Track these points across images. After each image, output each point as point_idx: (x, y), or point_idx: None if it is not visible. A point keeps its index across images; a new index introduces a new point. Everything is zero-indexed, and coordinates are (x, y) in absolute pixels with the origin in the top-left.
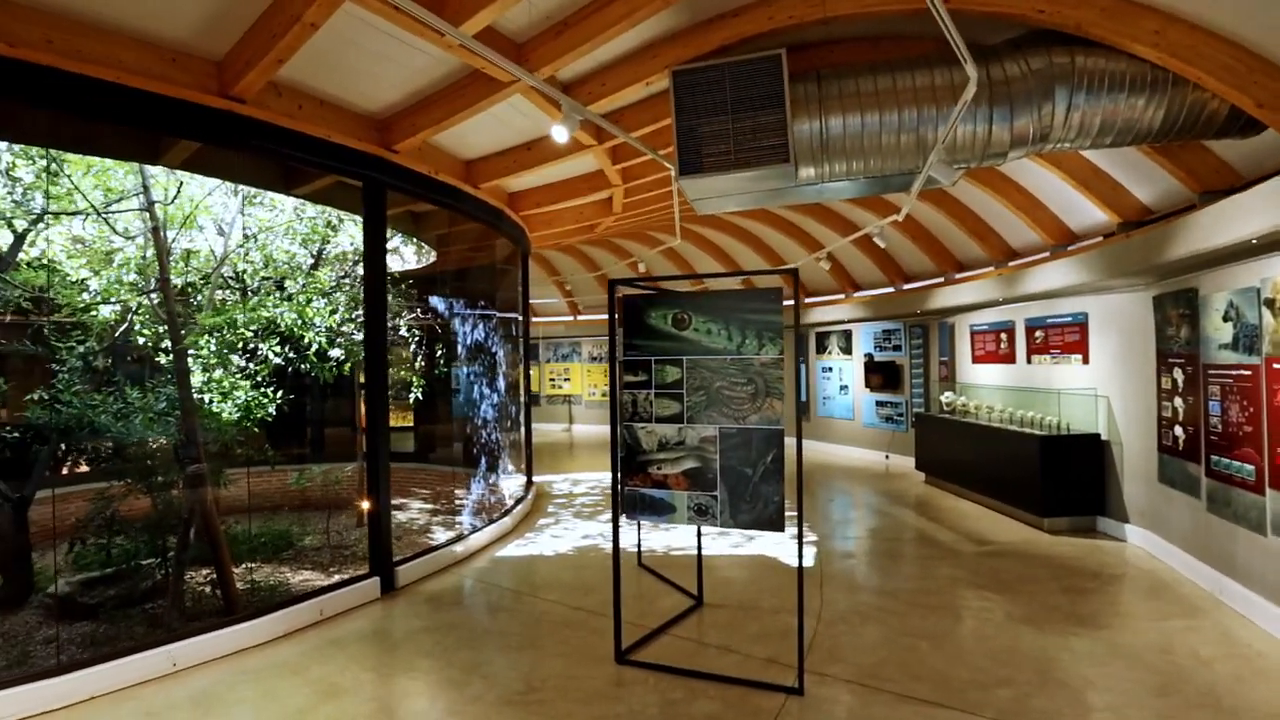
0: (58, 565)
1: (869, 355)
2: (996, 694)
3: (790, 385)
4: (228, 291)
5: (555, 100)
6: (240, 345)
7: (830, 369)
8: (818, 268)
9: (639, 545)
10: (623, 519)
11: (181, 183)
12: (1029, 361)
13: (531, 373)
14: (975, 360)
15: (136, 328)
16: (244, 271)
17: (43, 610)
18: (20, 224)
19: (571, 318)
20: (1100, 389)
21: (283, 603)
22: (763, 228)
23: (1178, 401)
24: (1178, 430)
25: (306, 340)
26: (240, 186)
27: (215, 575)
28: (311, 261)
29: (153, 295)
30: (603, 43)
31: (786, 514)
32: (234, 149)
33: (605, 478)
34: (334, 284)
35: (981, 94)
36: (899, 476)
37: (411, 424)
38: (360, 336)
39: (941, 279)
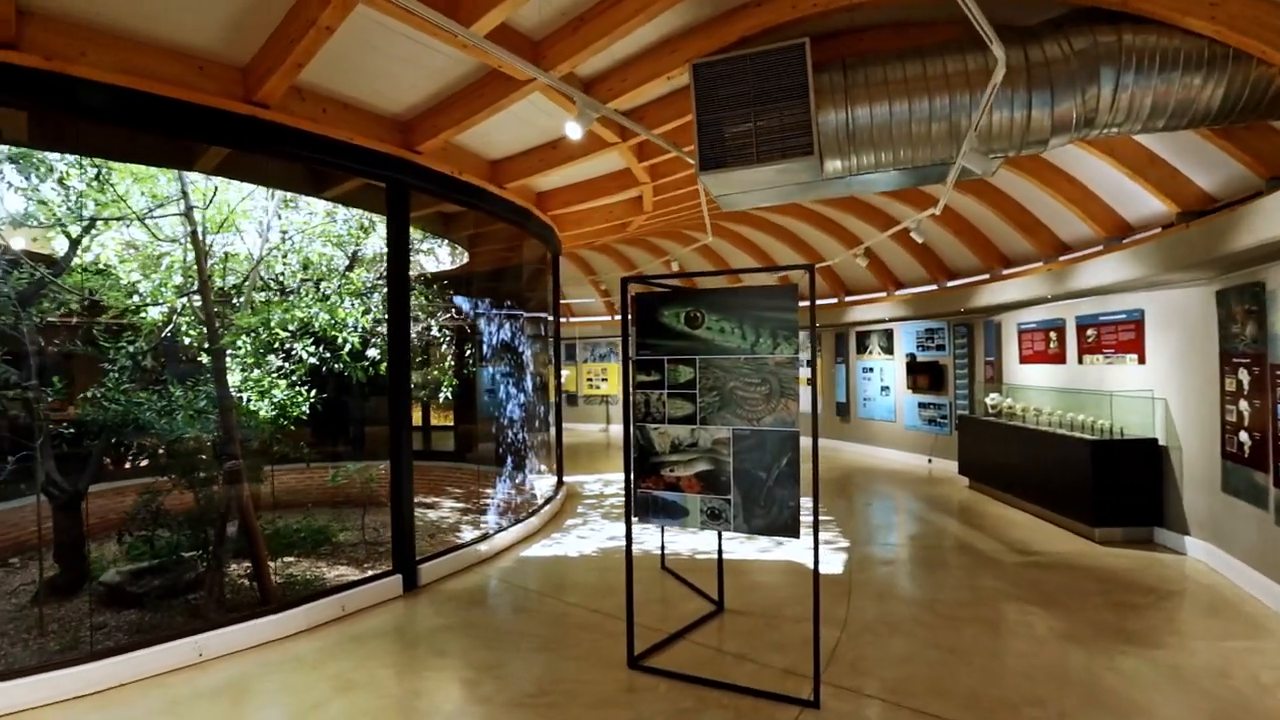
0: (102, 556)
1: (911, 355)
2: (1029, 715)
3: (829, 385)
4: (269, 293)
5: (570, 96)
6: (275, 345)
7: (871, 369)
8: (858, 265)
9: (662, 548)
10: (641, 522)
11: (216, 188)
12: (1080, 362)
13: (568, 373)
14: (1023, 360)
15: (182, 328)
16: (281, 274)
17: (94, 598)
18: (74, 230)
19: (609, 317)
20: (1157, 391)
21: (306, 598)
22: (798, 224)
23: (1243, 405)
24: (1243, 436)
25: (340, 340)
26: (275, 191)
27: (252, 568)
28: (347, 263)
29: (194, 297)
30: (619, 37)
31: (803, 519)
32: (260, 153)
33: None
34: (369, 285)
35: (1018, 77)
36: (941, 481)
37: (452, 423)
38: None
39: (987, 275)
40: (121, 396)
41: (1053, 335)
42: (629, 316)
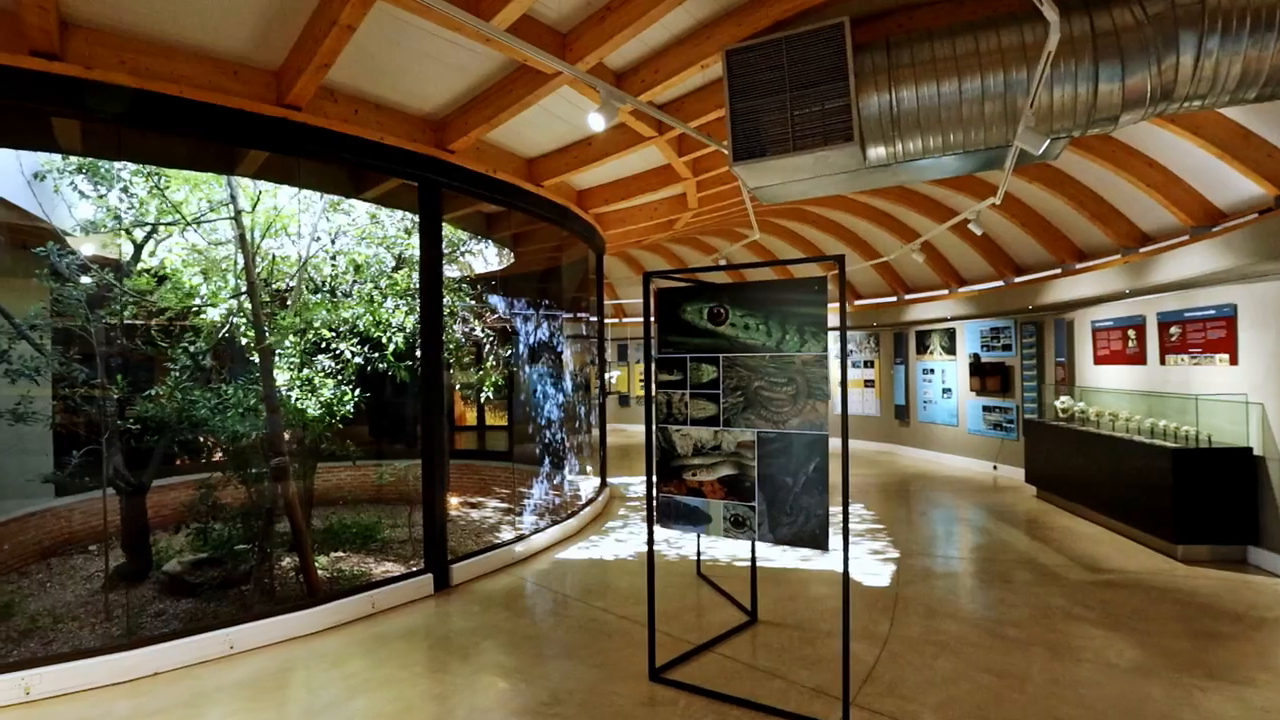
0: (170, 546)
1: (975, 355)
2: None
3: (887, 387)
4: (321, 294)
5: (594, 88)
6: (321, 345)
7: (932, 370)
8: (918, 261)
9: (698, 554)
10: (662, 528)
11: (261, 191)
12: (1162, 363)
13: (619, 373)
14: (1098, 361)
15: (240, 328)
16: (332, 275)
17: (157, 586)
18: (138, 236)
19: None
20: (1252, 395)
21: (336, 594)
22: (851, 218)
23: None
24: None
25: (385, 340)
26: (320, 193)
27: (298, 562)
28: (394, 264)
29: (243, 298)
30: (647, 25)
31: (833, 526)
32: (292, 155)
33: None
34: (415, 286)
35: (1083, 48)
36: (1007, 489)
37: (505, 423)
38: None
39: (1058, 270)
40: (179, 394)
41: (1131, 334)
42: (650, 313)
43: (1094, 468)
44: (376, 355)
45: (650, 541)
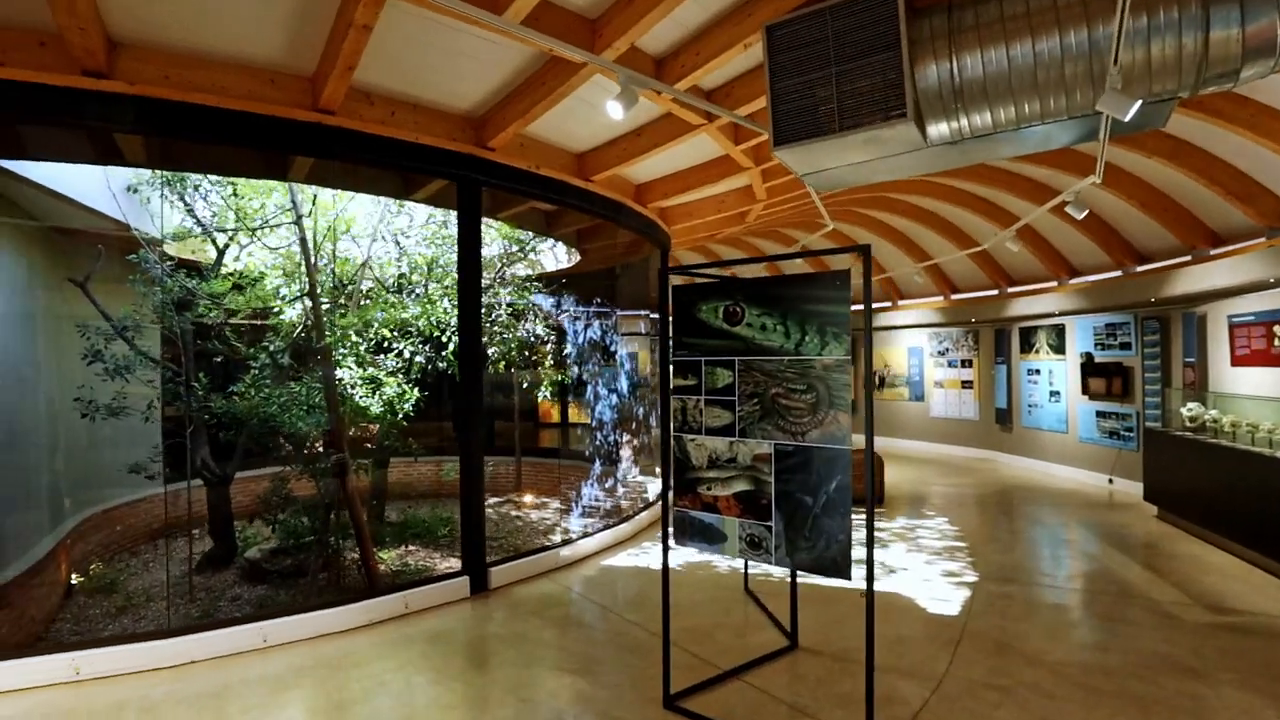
0: (257, 534)
1: (1087, 355)
2: None
3: (987, 389)
4: (379, 294)
5: (612, 72)
6: (385, 345)
7: (1037, 371)
8: (1013, 250)
9: (745, 568)
10: (678, 545)
11: (315, 195)
12: None
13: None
14: (1235, 362)
15: (314, 329)
16: (397, 275)
17: (238, 571)
18: (220, 241)
19: None
20: None
21: (370, 593)
22: (941, 204)
23: None
24: None
25: (445, 339)
26: (373, 196)
27: (359, 556)
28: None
29: (306, 300)
30: (678, 3)
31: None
32: (328, 159)
33: None
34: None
35: None
36: (1122, 507)
37: (589, 421)
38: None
39: (1187, 256)
40: (252, 392)
41: (1277, 331)
42: (667, 312)
43: (1228, 487)
44: (437, 354)
45: (665, 557)
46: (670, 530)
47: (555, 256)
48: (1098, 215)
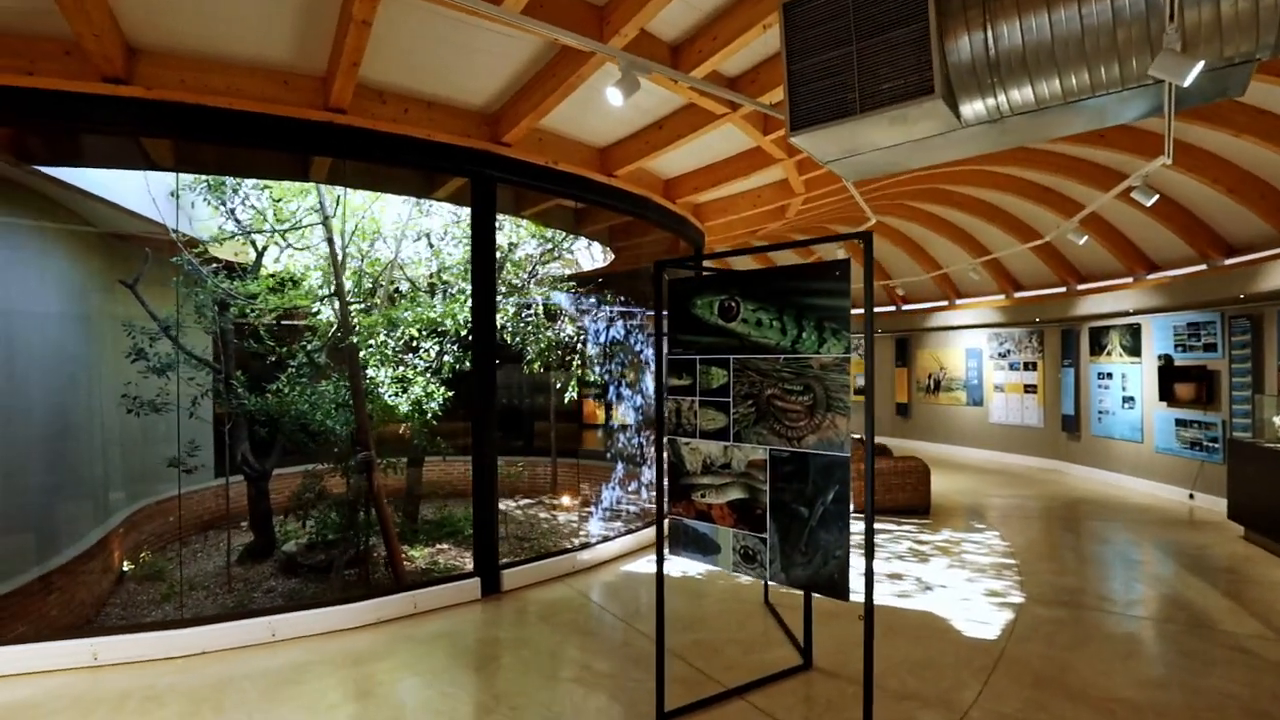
0: (293, 530)
1: (1165, 357)
2: None
3: (1053, 394)
4: (404, 293)
5: (612, 58)
6: (410, 343)
7: (1109, 375)
8: (1089, 245)
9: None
10: (672, 555)
11: (340, 196)
12: None
13: None
14: None
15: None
16: (431, 275)
17: (275, 564)
18: (260, 243)
19: None
20: None
21: (380, 591)
22: (1000, 195)
23: None
24: None
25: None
26: (393, 195)
27: (386, 553)
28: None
29: (335, 300)
30: None
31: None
32: (344, 158)
33: None
34: (516, 286)
35: None
36: (1203, 526)
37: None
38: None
39: None
40: (285, 389)
41: None
42: (661, 308)
43: None
44: (466, 354)
45: (660, 567)
46: (666, 539)
47: (591, 256)
48: (1177, 202)
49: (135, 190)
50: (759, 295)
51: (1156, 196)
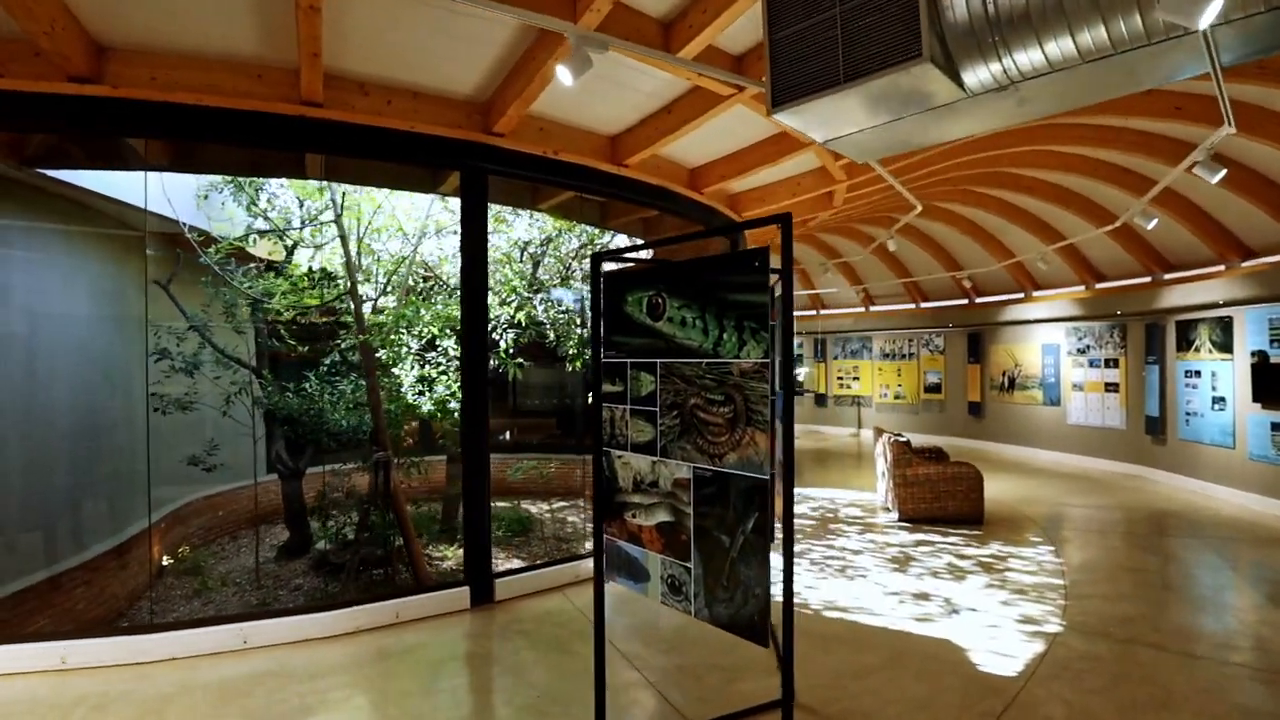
0: (331, 528)
1: (1260, 354)
2: None
3: (1136, 393)
4: (417, 292)
5: (563, 35)
6: (430, 342)
7: (1197, 373)
8: (1176, 229)
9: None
10: (607, 579)
11: (344, 193)
12: None
13: (809, 370)
14: None
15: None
16: (448, 274)
17: (308, 562)
18: (291, 242)
19: (862, 309)
20: None
21: (359, 600)
22: (1070, 177)
23: None
24: None
25: (497, 337)
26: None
27: (406, 553)
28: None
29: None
30: None
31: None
32: (318, 153)
33: (848, 496)
34: (527, 280)
35: None
36: None
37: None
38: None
39: None
40: (308, 388)
41: None
42: (599, 305)
43: None
44: (489, 352)
45: (599, 590)
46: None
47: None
48: (1269, 178)
49: (153, 191)
50: (683, 290)
51: (1223, 172)
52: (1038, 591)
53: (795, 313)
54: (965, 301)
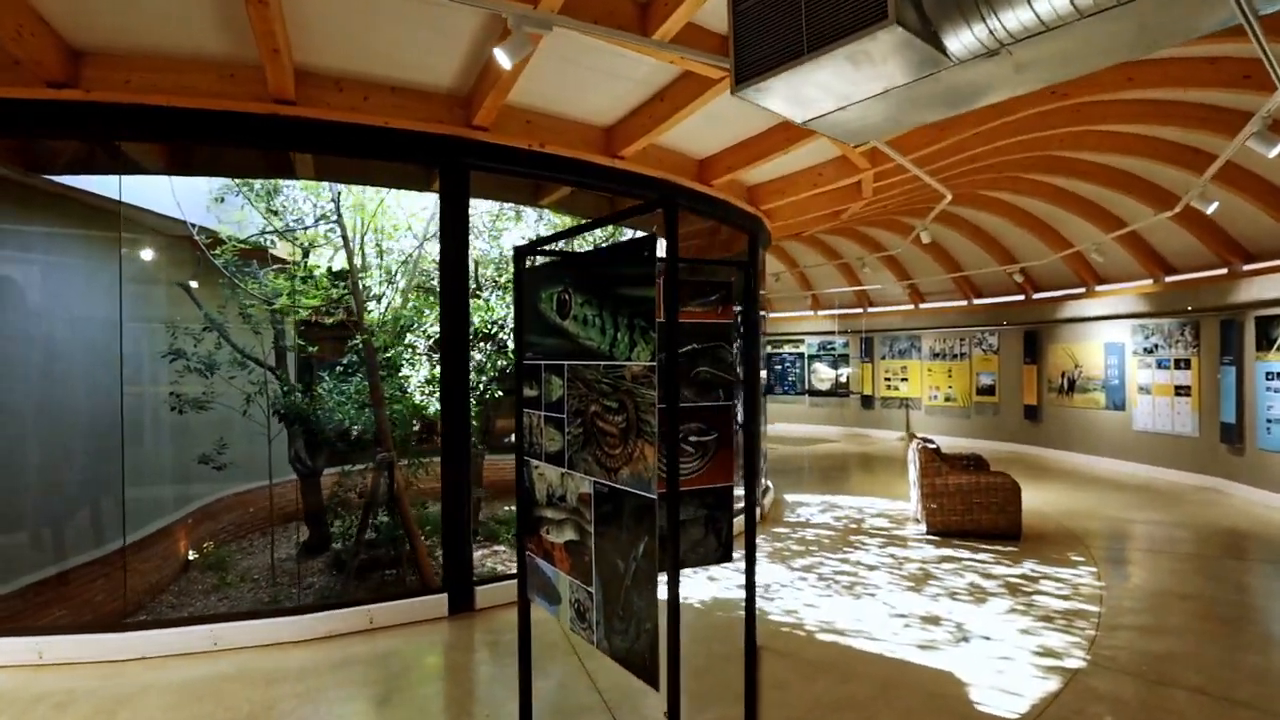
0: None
1: None
2: None
3: (1210, 397)
4: (418, 292)
5: (500, 14)
6: (439, 342)
7: (1278, 375)
8: (1252, 216)
9: (749, 613)
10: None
11: (340, 192)
12: None
13: (860, 371)
14: None
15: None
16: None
17: (326, 560)
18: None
19: (911, 306)
20: None
21: (332, 604)
22: (1141, 162)
23: None
24: None
25: (506, 337)
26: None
27: (411, 555)
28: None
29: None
30: None
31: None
32: (288, 151)
33: (880, 506)
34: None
35: None
36: None
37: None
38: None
39: None
40: (319, 389)
41: None
42: (520, 302)
43: None
44: (498, 353)
45: (522, 612)
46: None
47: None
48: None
49: (164, 194)
50: (585, 286)
51: (1278, 146)
52: (1066, 619)
53: (840, 310)
54: (1021, 297)
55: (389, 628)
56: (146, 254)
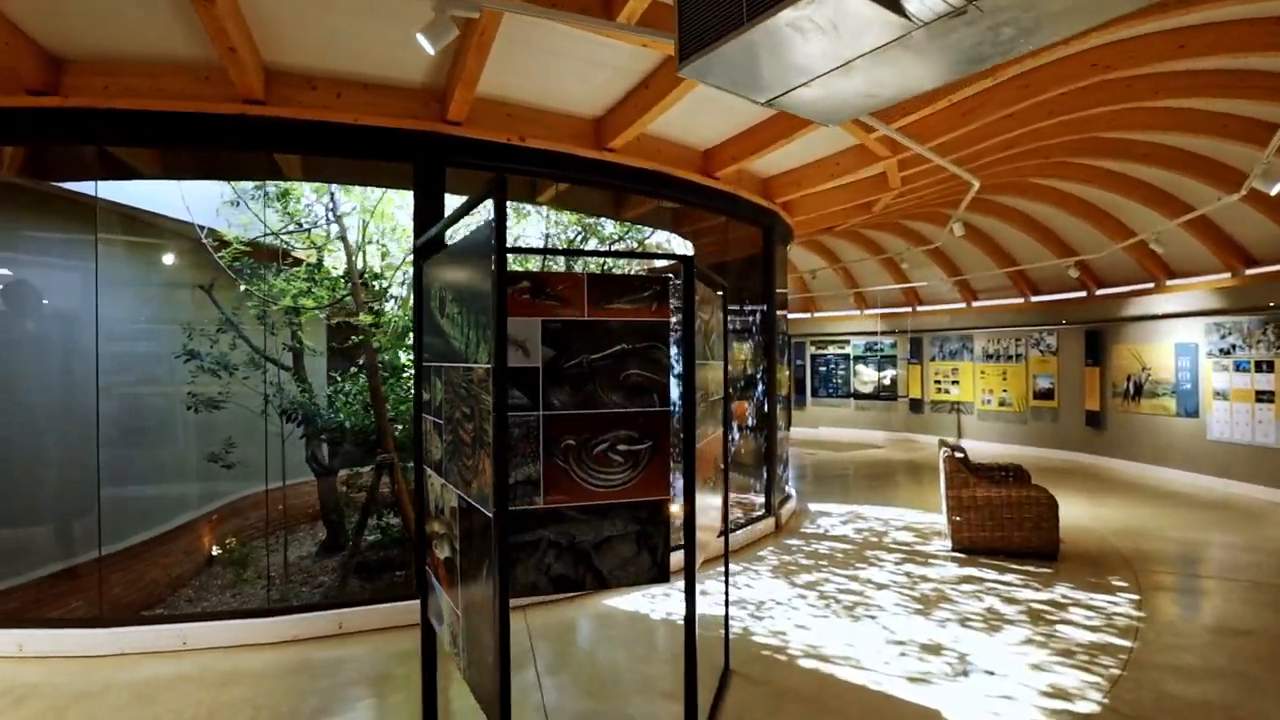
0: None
1: None
2: None
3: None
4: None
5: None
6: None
7: None
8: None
9: (726, 631)
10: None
11: (332, 193)
12: None
13: (907, 373)
14: None
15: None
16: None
17: (342, 560)
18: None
19: (963, 305)
20: None
21: (303, 607)
22: (1207, 140)
23: None
24: None
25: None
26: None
27: (416, 556)
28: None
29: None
30: None
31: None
32: (257, 151)
33: (909, 518)
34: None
35: None
36: None
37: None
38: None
39: None
40: (336, 390)
41: None
42: (420, 303)
43: None
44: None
45: (425, 633)
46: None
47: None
48: None
49: (173, 198)
50: (455, 282)
51: None
52: (1089, 654)
53: (886, 309)
54: (1082, 294)
55: (356, 633)
56: (168, 258)
